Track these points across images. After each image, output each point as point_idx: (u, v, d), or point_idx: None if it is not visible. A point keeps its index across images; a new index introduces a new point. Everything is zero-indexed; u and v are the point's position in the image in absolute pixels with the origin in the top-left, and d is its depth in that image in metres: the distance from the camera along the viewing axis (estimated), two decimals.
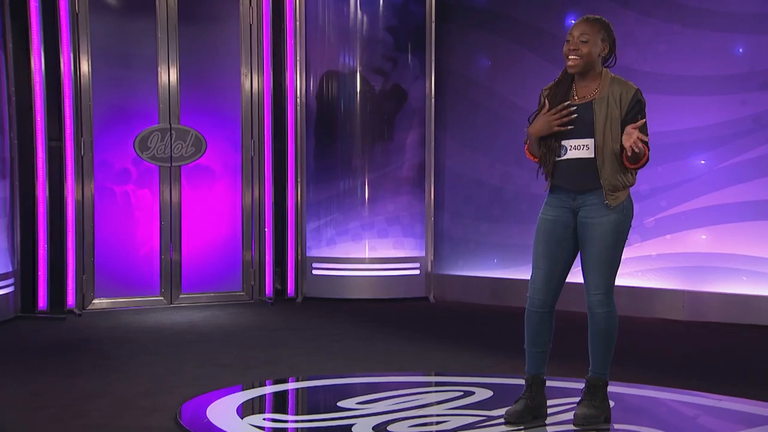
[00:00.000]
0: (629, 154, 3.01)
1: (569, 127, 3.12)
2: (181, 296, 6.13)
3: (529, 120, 3.25)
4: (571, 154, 3.14)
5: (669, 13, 5.60)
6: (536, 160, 3.25)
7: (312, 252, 6.47)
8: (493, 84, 6.36)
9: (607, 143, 3.10)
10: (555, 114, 3.13)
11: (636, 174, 3.17)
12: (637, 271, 5.70)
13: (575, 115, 3.13)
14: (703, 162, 5.54)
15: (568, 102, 3.14)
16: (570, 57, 3.14)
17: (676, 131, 5.57)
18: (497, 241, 6.35)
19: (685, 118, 5.56)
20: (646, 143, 3.06)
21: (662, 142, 5.42)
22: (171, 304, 6.09)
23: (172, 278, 6.09)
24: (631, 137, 2.99)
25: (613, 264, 3.12)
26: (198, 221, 6.19)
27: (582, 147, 3.12)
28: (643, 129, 3.10)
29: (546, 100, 3.18)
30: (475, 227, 6.46)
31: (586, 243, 3.14)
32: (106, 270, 5.94)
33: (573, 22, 3.52)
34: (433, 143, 6.51)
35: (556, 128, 3.12)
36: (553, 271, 3.18)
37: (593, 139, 3.09)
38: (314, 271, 6.46)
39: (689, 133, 5.57)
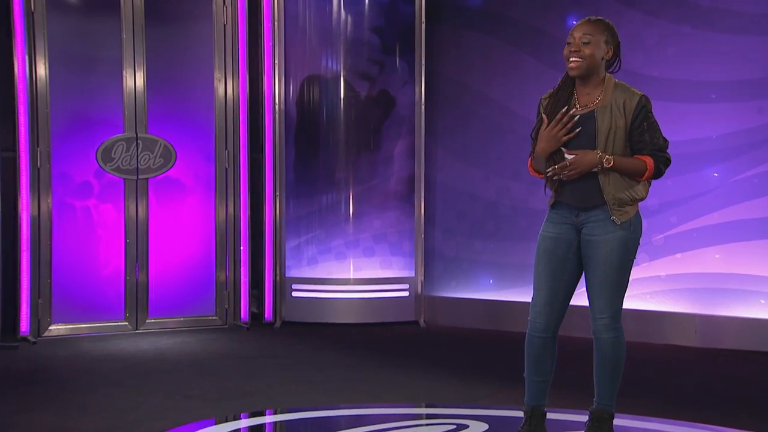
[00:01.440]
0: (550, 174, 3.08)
1: (577, 130, 3.13)
2: (147, 321, 6.09)
3: (531, 135, 3.25)
4: None
5: (678, 13, 5.65)
6: (540, 176, 3.26)
7: (292, 272, 6.45)
8: (488, 90, 6.37)
9: (610, 154, 3.11)
10: (557, 126, 3.14)
11: (648, 187, 3.18)
12: (646, 293, 5.70)
13: (577, 117, 3.14)
14: (716, 175, 5.57)
15: (565, 108, 3.15)
16: (571, 59, 3.15)
17: (686, 141, 5.60)
18: (493, 260, 6.35)
19: (696, 127, 5.59)
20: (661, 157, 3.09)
21: (671, 154, 5.43)
22: (137, 329, 6.05)
23: (137, 301, 6.05)
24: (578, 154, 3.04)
25: (620, 285, 3.13)
26: (167, 239, 6.16)
27: None
28: (654, 132, 3.11)
29: (543, 115, 3.18)
30: (468, 245, 6.46)
31: (591, 262, 3.14)
32: (65, 293, 5.90)
33: (574, 23, 3.54)
34: (423, 154, 6.51)
35: (564, 139, 3.13)
36: (555, 293, 3.19)
37: (597, 151, 3.10)
38: (294, 293, 6.43)
39: (701, 143, 5.59)
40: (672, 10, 5.66)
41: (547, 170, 3.10)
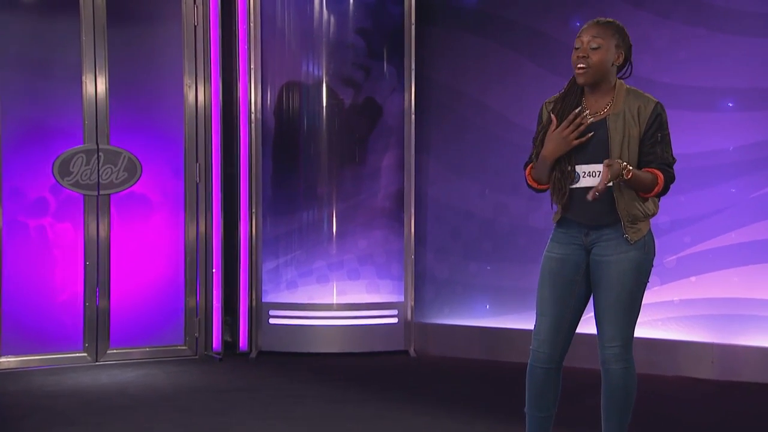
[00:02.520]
0: (589, 198, 3.02)
1: (590, 134, 3.12)
2: (109, 352, 6.05)
3: (533, 142, 3.24)
4: (584, 182, 3.15)
5: (691, 13, 5.67)
6: (541, 188, 3.24)
7: (269, 297, 6.42)
8: (484, 97, 6.38)
9: None
10: (569, 126, 3.13)
11: (658, 202, 3.18)
12: (657, 320, 5.70)
13: (590, 120, 3.13)
14: (733, 190, 5.58)
15: (579, 108, 3.15)
16: (579, 66, 3.16)
17: (700, 154, 5.61)
18: (490, 283, 6.34)
19: (711, 139, 5.60)
20: (665, 171, 3.07)
21: (684, 167, 5.44)
22: (96, 361, 6.00)
23: (98, 330, 6.01)
24: (607, 165, 2.99)
25: (632, 311, 3.12)
26: (131, 261, 6.13)
27: (597, 173, 3.13)
28: (665, 146, 3.12)
29: (552, 115, 3.18)
30: (463, 267, 6.45)
31: (602, 286, 3.13)
32: (16, 321, 5.85)
33: (578, 24, 3.55)
34: (413, 167, 6.51)
35: (575, 142, 3.13)
36: (561, 320, 3.18)
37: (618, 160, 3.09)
38: (272, 320, 6.40)
39: (716, 156, 5.61)
40: (684, 11, 5.69)
41: (597, 188, 3.01)
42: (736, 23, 5.54)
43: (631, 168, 3.06)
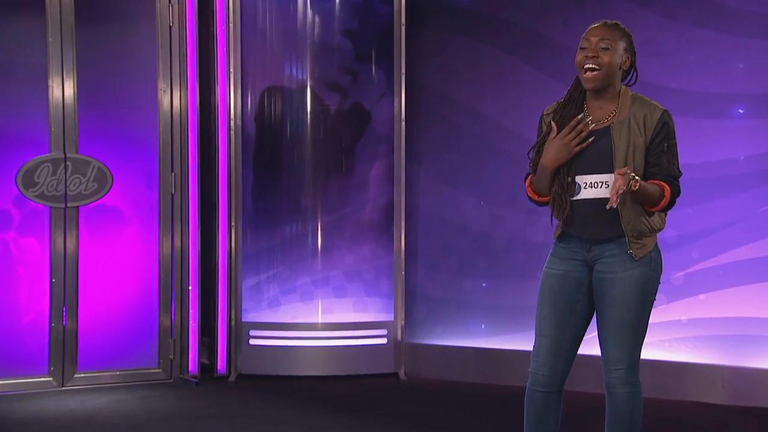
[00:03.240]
0: (608, 207, 3.02)
1: (591, 139, 3.13)
2: (76, 376, 6.02)
3: (528, 154, 3.26)
4: (585, 194, 3.16)
5: (700, 14, 5.69)
6: (543, 200, 3.25)
7: (249, 316, 6.40)
8: (479, 104, 6.39)
9: None
10: (570, 133, 3.14)
11: (665, 216, 3.19)
12: (664, 340, 5.70)
13: (592, 125, 3.15)
14: (744, 202, 5.59)
15: (582, 114, 3.17)
16: (587, 66, 3.17)
17: (709, 164, 5.63)
18: (486, 301, 6.34)
19: (721, 147, 5.62)
20: (671, 182, 3.08)
21: (692, 177, 5.47)
22: (63, 386, 5.97)
23: (65, 353, 5.98)
24: (614, 185, 2.99)
25: (638, 332, 3.13)
26: (101, 278, 6.10)
27: (600, 184, 3.14)
28: (672, 157, 3.13)
29: (553, 123, 3.19)
30: (456, 284, 6.44)
31: (605, 305, 3.14)
32: None
33: (579, 26, 3.57)
34: (403, 178, 6.51)
35: (577, 149, 3.13)
36: (561, 341, 3.19)
37: (613, 174, 3.10)
38: (252, 341, 6.38)
39: (726, 165, 5.62)
40: (693, 12, 5.71)
41: (613, 198, 3.01)
42: (749, 25, 5.56)
43: (638, 178, 3.07)
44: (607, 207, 3.03)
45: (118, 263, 6.17)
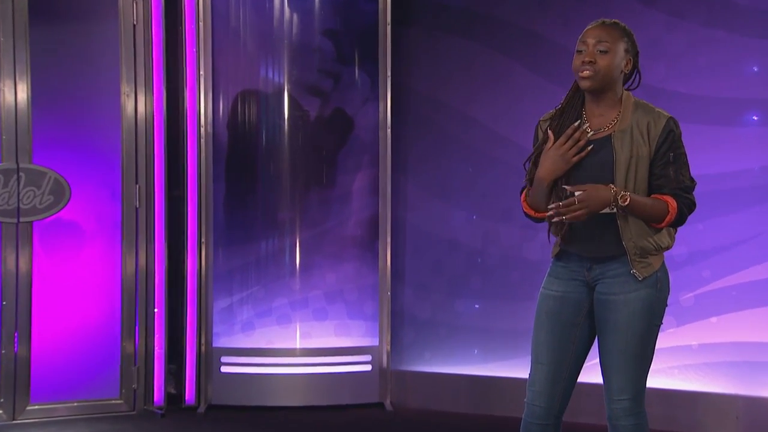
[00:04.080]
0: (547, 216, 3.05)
1: (589, 148, 3.13)
2: (29, 408, 5.97)
3: (524, 165, 3.26)
4: None
5: (710, 14, 5.72)
6: (540, 216, 3.25)
7: (221, 341, 6.38)
8: (471, 109, 6.40)
9: (631, 191, 3.11)
10: (567, 142, 3.14)
11: (674, 233, 3.19)
12: (673, 367, 5.70)
13: (591, 132, 3.15)
14: (760, 217, 5.60)
15: (579, 121, 3.17)
16: (583, 72, 3.17)
17: (721, 175, 5.64)
18: (478, 324, 6.33)
19: (733, 157, 5.63)
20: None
21: (703, 190, 5.42)
22: (14, 419, 5.92)
23: (16, 382, 5.93)
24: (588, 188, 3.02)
25: (643, 359, 3.14)
26: (57, 300, 6.07)
27: None
28: (680, 167, 3.13)
29: (549, 132, 3.20)
30: (447, 306, 6.43)
31: (608, 329, 3.14)
32: None
33: (579, 25, 3.58)
34: (389, 190, 6.51)
35: (575, 159, 3.14)
36: (560, 369, 3.19)
37: (609, 185, 3.11)
38: (224, 368, 6.36)
39: (739, 177, 5.64)
40: (703, 10, 5.73)
41: (549, 207, 3.09)
42: (763, 25, 5.58)
43: (626, 193, 3.06)
44: (546, 216, 3.05)
45: (76, 284, 6.13)
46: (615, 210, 3.09)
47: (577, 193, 3.09)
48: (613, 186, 3.09)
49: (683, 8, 5.78)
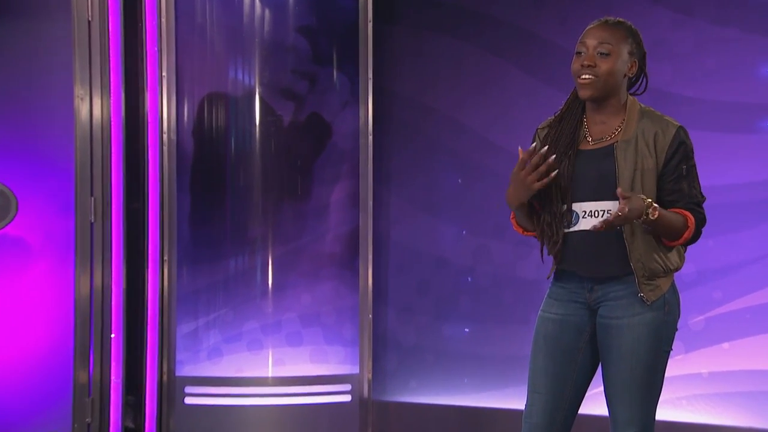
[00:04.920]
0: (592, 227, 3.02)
1: (553, 174, 3.12)
2: None
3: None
4: (584, 224, 3.17)
5: (721, 10, 5.74)
6: (529, 234, 3.27)
7: (185, 369, 6.36)
8: (460, 114, 6.41)
9: None
10: (525, 168, 3.12)
11: (684, 252, 3.20)
12: (681, 398, 5.71)
13: (553, 157, 3.13)
14: None
15: (534, 144, 3.16)
16: (583, 77, 3.18)
17: (733, 187, 5.66)
18: (468, 350, 6.33)
19: (747, 167, 5.65)
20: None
21: (712, 203, 5.41)
22: None
23: None
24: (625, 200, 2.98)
25: (650, 388, 3.14)
26: (2, 324, 6.06)
27: (600, 213, 3.15)
28: (692, 181, 3.14)
29: (534, 145, 3.20)
30: (434, 330, 6.43)
31: (611, 357, 3.15)
32: None
33: (578, 23, 3.60)
34: (370, 202, 6.51)
35: (537, 186, 3.12)
36: (559, 399, 3.20)
37: (617, 202, 3.11)
38: (188, 399, 6.34)
39: (754, 189, 5.66)
40: (712, 8, 5.75)
41: (595, 227, 3.03)
42: None
43: (657, 206, 3.05)
44: (591, 227, 3.01)
45: (24, 306, 6.11)
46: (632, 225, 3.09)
47: (620, 204, 3.00)
48: (645, 197, 3.04)
49: (691, 4, 5.80)
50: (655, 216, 3.04)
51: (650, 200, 3.05)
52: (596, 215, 3.15)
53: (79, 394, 6.17)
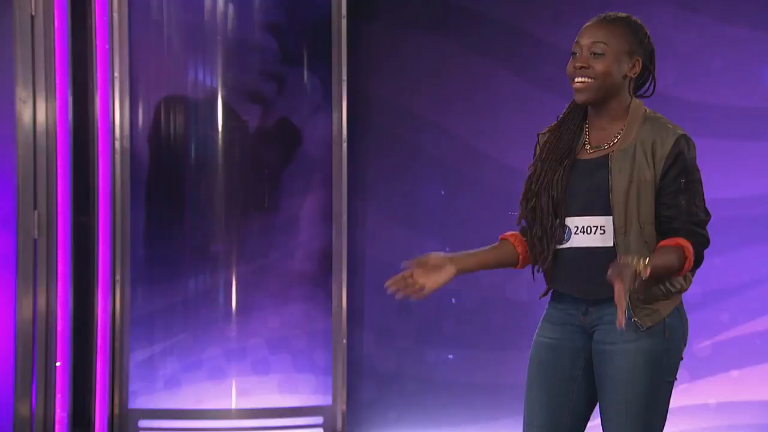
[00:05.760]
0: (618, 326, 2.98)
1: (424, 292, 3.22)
2: None
3: (521, 204, 3.28)
4: (576, 241, 3.16)
5: (727, 7, 5.77)
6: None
7: (139, 401, 6.34)
8: (443, 119, 6.42)
9: (632, 222, 3.12)
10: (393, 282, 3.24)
11: (691, 274, 3.20)
12: (686, 431, 5.73)
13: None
14: None
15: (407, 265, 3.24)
16: (576, 79, 3.18)
17: (742, 199, 5.68)
18: (453, 378, 6.34)
19: (757, 177, 5.68)
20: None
21: (718, 217, 5.43)
22: None
23: None
24: (617, 278, 2.92)
25: (649, 422, 3.13)
26: None
27: (593, 229, 3.14)
28: (693, 196, 3.14)
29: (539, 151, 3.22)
30: (417, 355, 6.43)
31: (605, 386, 3.15)
32: None
33: (573, 20, 3.61)
34: (344, 216, 6.50)
35: (399, 297, 3.32)
36: (556, 430, 3.18)
37: (611, 217, 3.12)
38: None
39: (763, 201, 5.69)
40: (718, 3, 5.79)
41: (620, 318, 2.99)
42: None
43: (647, 262, 2.96)
44: (618, 326, 2.93)
45: None
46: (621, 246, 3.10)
47: (615, 287, 2.93)
48: (631, 258, 2.94)
49: (696, 0, 5.85)
50: (647, 274, 2.95)
51: (636, 258, 2.95)
52: (588, 231, 3.14)
53: (21, 428, 6.14)
